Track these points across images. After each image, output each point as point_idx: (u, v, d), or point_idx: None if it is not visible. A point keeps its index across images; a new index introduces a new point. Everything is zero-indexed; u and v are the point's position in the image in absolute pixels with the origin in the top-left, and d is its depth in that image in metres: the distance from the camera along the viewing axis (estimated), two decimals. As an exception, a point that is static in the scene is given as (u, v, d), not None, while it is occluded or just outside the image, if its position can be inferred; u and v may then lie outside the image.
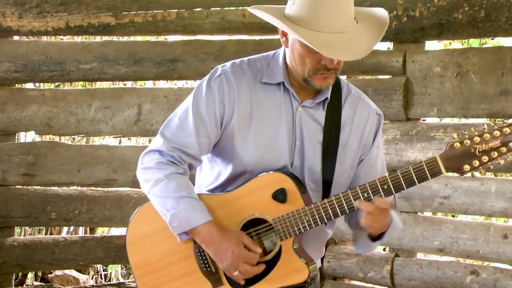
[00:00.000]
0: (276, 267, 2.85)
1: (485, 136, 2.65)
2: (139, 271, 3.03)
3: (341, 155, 2.95)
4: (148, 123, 5.60)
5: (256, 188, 2.88)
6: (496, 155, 2.65)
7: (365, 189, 2.76)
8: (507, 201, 4.73)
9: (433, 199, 4.99)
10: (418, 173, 2.71)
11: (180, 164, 2.92)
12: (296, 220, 2.83)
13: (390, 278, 5.14)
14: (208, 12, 5.48)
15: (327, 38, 2.70)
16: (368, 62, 5.20)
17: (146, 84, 7.12)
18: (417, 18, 5.03)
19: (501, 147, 2.64)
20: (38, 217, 5.70)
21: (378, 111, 3.06)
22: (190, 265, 2.93)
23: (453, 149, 2.69)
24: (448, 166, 2.69)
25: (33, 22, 5.66)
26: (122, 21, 5.60)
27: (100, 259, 5.83)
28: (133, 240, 3.04)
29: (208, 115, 2.90)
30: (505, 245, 4.74)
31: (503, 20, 4.77)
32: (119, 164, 5.64)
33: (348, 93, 3.01)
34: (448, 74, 4.95)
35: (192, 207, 2.84)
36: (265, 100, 2.93)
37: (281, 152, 2.91)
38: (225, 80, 2.92)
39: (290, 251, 2.84)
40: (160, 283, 2.98)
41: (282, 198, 2.84)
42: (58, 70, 5.67)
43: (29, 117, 5.71)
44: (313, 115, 2.94)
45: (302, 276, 2.84)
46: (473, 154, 2.67)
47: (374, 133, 3.02)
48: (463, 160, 2.67)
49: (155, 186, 2.89)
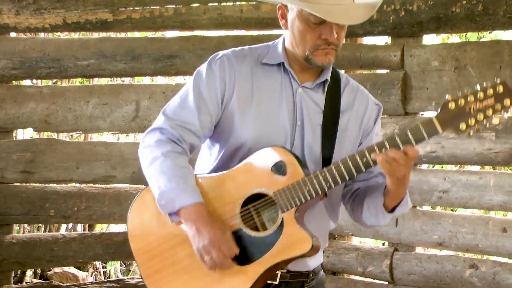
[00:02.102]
0: (280, 240, 2.81)
1: (479, 95, 2.65)
2: (141, 257, 3.00)
3: (341, 138, 2.96)
4: (146, 119, 5.60)
5: (255, 164, 2.87)
6: (491, 112, 2.65)
7: (363, 155, 2.75)
8: (506, 194, 4.73)
9: (432, 193, 4.99)
10: (415, 134, 2.69)
11: (179, 142, 2.92)
12: (296, 191, 2.80)
13: (389, 273, 5.14)
14: (205, 8, 5.48)
15: (326, 7, 2.75)
16: (366, 57, 5.21)
17: (144, 80, 7.12)
18: (415, 12, 5.03)
19: (496, 104, 2.65)
20: (36, 214, 5.69)
21: (376, 102, 3.09)
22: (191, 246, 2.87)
23: (448, 109, 2.69)
24: (444, 125, 2.69)
25: (30, 18, 5.65)
26: (120, 17, 5.60)
27: (99, 256, 5.83)
28: (133, 227, 3.04)
29: (209, 93, 2.92)
30: (504, 239, 4.75)
31: (500, 14, 4.77)
32: (117, 160, 5.64)
33: (347, 82, 3.05)
34: (446, 68, 4.95)
35: (182, 188, 2.82)
36: (265, 80, 2.96)
37: (282, 131, 2.92)
38: (226, 61, 2.96)
39: (292, 222, 2.80)
40: (162, 267, 2.95)
41: (282, 171, 2.82)
42: (55, 67, 5.66)
43: (27, 114, 5.70)
44: (312, 97, 2.97)
45: (306, 247, 2.78)
46: (468, 113, 2.66)
47: (374, 121, 3.05)
48: (458, 119, 2.67)
49: (152, 164, 2.88)
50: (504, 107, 2.65)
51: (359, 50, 5.27)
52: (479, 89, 2.67)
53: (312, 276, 3.06)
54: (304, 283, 3.03)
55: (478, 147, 4.83)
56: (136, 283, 5.76)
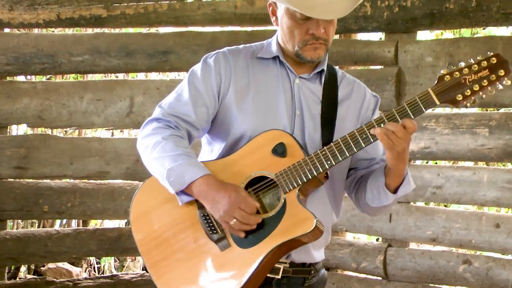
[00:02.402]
0: (283, 221, 2.81)
1: (473, 67, 2.70)
2: (144, 247, 2.99)
3: (340, 127, 2.98)
4: (140, 115, 5.59)
5: (255, 147, 2.89)
6: (486, 83, 2.70)
7: (362, 130, 2.78)
8: (499, 190, 4.75)
9: (425, 188, 5.00)
10: (413, 107, 2.74)
11: (177, 129, 2.94)
12: (298, 171, 2.82)
13: (383, 268, 5.15)
14: (199, 4, 5.48)
15: (309, 2, 2.79)
16: (360, 53, 5.21)
17: (138, 76, 7.12)
18: (409, 8, 5.04)
19: (490, 75, 2.70)
20: (30, 210, 5.69)
21: (373, 93, 3.13)
22: (195, 232, 2.90)
23: (443, 81, 2.73)
24: (441, 97, 2.74)
25: (24, 14, 5.64)
26: (114, 13, 5.59)
27: (93, 252, 5.83)
28: (136, 217, 3.02)
29: (205, 86, 2.96)
30: (497, 234, 4.77)
31: (494, 10, 4.78)
32: (111, 156, 5.63)
33: (343, 76, 3.10)
34: (440, 64, 4.96)
35: (189, 162, 2.84)
36: (262, 74, 3.00)
37: (281, 120, 2.94)
38: (222, 56, 3.01)
39: (295, 202, 2.82)
40: (167, 255, 2.94)
41: (282, 152, 2.85)
42: (49, 63, 5.65)
43: (20, 110, 5.69)
44: (310, 88, 3.00)
45: (309, 225, 2.78)
46: (464, 84, 2.72)
47: (372, 110, 3.08)
48: (454, 91, 2.72)
49: (154, 150, 2.89)
50: (498, 78, 2.70)
51: (353, 45, 5.27)
52: (473, 61, 2.72)
53: (314, 273, 3.07)
54: (305, 279, 3.04)
55: (471, 143, 4.84)
56: (130, 278, 5.76)
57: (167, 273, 2.94)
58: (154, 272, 2.96)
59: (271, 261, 2.86)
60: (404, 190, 2.91)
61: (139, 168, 5.53)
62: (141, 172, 5.50)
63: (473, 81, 2.71)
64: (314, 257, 3.05)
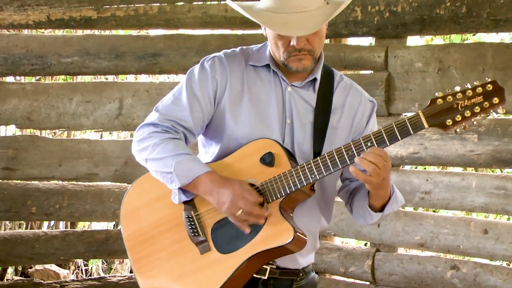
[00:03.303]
0: (262, 230, 2.84)
1: (467, 92, 2.67)
2: (130, 242, 3.06)
3: (332, 135, 2.97)
4: (129, 117, 5.58)
5: (245, 155, 2.91)
6: (479, 110, 2.66)
7: (349, 148, 2.77)
8: (488, 196, 4.76)
9: (414, 194, 5.01)
10: (401, 128, 2.72)
11: (175, 132, 2.96)
12: (282, 182, 2.83)
13: (371, 273, 5.16)
14: (190, 6, 5.47)
15: (286, 17, 2.79)
16: (350, 58, 5.21)
17: (128, 78, 7.10)
18: (399, 14, 5.05)
19: (484, 102, 2.66)
20: (18, 211, 5.67)
21: (370, 98, 3.12)
22: (179, 233, 2.95)
23: (435, 105, 2.70)
24: (430, 120, 2.70)
25: (13, 15, 5.63)
26: (104, 15, 5.58)
27: (81, 254, 5.82)
28: (126, 213, 3.08)
29: (202, 91, 2.96)
30: (485, 240, 4.77)
31: (484, 16, 4.79)
32: (100, 158, 5.62)
33: (340, 80, 3.08)
34: (430, 70, 4.97)
35: (193, 158, 2.88)
36: (255, 80, 3.00)
37: (272, 129, 2.95)
38: (218, 61, 3.00)
39: (276, 213, 2.84)
40: (150, 252, 3.00)
41: (269, 161, 2.86)
42: (39, 64, 5.64)
43: (9, 111, 5.67)
44: (303, 96, 2.99)
45: (287, 237, 2.80)
46: (456, 109, 2.68)
47: (367, 118, 3.06)
48: (445, 115, 2.69)
49: (153, 151, 2.91)
50: (492, 105, 2.66)
51: (343, 50, 5.27)
52: (469, 86, 2.69)
53: (302, 276, 3.07)
54: (293, 281, 3.05)
55: (460, 149, 4.85)
56: (118, 281, 5.75)
57: (149, 270, 3.01)
58: (136, 268, 3.04)
59: (249, 268, 2.89)
60: (391, 208, 2.93)
61: (128, 171, 5.53)
62: (130, 174, 5.50)
63: (465, 107, 2.68)
64: (300, 263, 3.05)
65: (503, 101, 2.67)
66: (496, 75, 4.74)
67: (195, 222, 2.92)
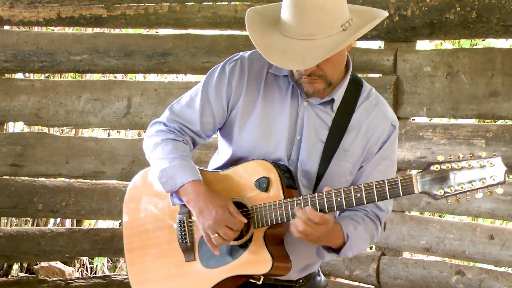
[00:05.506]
0: (244, 254, 2.85)
1: (467, 164, 2.53)
2: (128, 230, 3.11)
3: (340, 157, 2.89)
4: (137, 116, 5.59)
5: (243, 173, 2.89)
6: (474, 186, 2.54)
7: (339, 194, 2.71)
8: (494, 202, 4.75)
9: (420, 198, 5.00)
10: (392, 187, 2.63)
11: (181, 134, 2.97)
12: (271, 211, 2.80)
13: (376, 277, 5.15)
14: (200, 6, 5.47)
15: (289, 44, 2.70)
16: (359, 61, 5.20)
17: (137, 77, 7.11)
18: (409, 18, 5.04)
19: (482, 179, 2.53)
20: (25, 208, 5.68)
21: (394, 122, 2.96)
22: (170, 234, 2.99)
23: (431, 170, 2.58)
24: (422, 186, 2.58)
25: (24, 12, 5.64)
26: (114, 14, 5.58)
27: (87, 252, 5.82)
28: (130, 200, 3.14)
29: (216, 96, 2.95)
30: (491, 246, 4.76)
31: (494, 22, 4.79)
32: (107, 156, 5.63)
33: (366, 98, 2.96)
34: (438, 74, 4.96)
35: (182, 165, 2.86)
36: (273, 88, 2.93)
37: (279, 143, 2.91)
38: (239, 65, 2.95)
39: (259, 241, 2.82)
40: (143, 246, 3.05)
41: (264, 187, 2.84)
42: (48, 61, 5.65)
43: (18, 108, 5.68)
44: (318, 113, 2.91)
45: (264, 268, 2.80)
46: (450, 180, 2.55)
47: (381, 144, 2.92)
48: (438, 184, 2.56)
49: (154, 150, 2.94)
50: (490, 185, 2.54)
51: (352, 53, 5.24)
52: (472, 157, 2.55)
53: (303, 282, 3.05)
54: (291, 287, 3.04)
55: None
56: (123, 279, 5.75)
57: (138, 263, 3.07)
58: (128, 257, 3.11)
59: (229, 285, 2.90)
60: (344, 254, 2.87)
61: (135, 169, 5.50)
62: (137, 173, 5.49)
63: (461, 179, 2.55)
64: (292, 277, 3.01)
65: (502, 182, 2.54)
66: (505, 80, 4.74)
67: (185, 229, 2.94)
